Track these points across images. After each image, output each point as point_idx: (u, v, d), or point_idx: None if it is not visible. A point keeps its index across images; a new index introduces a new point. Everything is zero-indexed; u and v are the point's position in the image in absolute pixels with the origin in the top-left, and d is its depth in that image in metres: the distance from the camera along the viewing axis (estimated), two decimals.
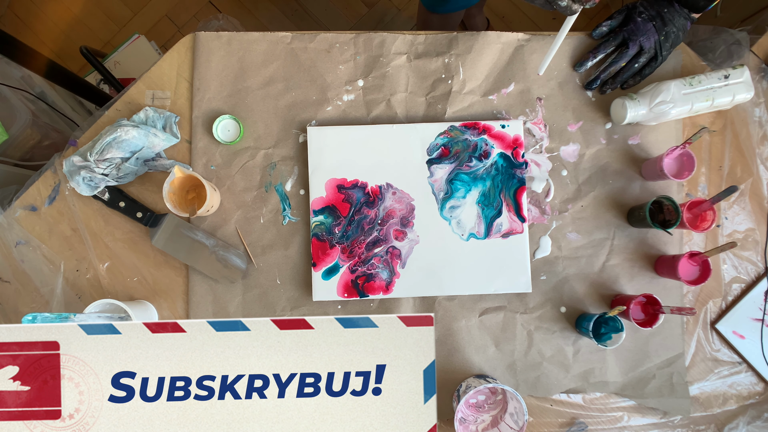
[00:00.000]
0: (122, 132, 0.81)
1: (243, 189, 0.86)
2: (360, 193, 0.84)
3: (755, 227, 0.87)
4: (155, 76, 0.88)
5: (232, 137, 0.86)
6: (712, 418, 0.85)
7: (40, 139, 1.26)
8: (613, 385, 0.84)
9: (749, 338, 0.85)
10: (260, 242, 0.86)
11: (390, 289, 0.83)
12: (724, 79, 0.81)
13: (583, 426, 0.85)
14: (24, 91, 1.29)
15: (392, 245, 0.84)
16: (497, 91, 0.87)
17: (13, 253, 0.87)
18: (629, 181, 0.86)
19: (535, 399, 0.85)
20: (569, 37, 0.87)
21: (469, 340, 0.84)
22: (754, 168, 0.87)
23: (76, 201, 0.86)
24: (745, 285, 0.86)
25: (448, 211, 0.84)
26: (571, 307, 0.85)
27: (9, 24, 1.85)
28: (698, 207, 0.78)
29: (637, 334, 0.84)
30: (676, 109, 0.80)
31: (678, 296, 0.85)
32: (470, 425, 0.80)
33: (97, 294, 0.87)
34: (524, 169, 0.84)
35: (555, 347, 0.84)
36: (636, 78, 0.85)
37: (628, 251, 0.85)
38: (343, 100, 0.87)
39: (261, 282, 0.85)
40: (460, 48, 0.87)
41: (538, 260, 0.85)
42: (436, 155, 0.84)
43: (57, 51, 1.85)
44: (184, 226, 0.84)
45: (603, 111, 0.87)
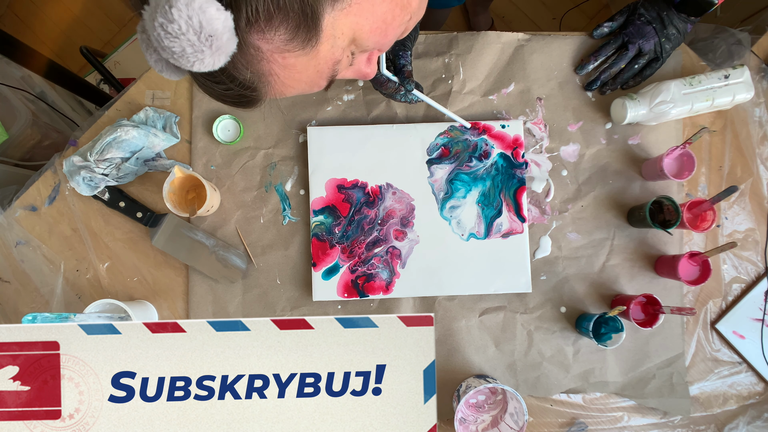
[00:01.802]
0: (122, 132, 0.81)
1: (243, 189, 0.86)
2: (360, 193, 0.84)
3: (755, 227, 0.87)
4: (155, 76, 0.88)
5: (232, 137, 0.86)
6: (712, 418, 0.85)
7: (40, 139, 1.26)
8: (613, 385, 0.84)
9: (749, 338, 0.85)
10: (260, 242, 0.86)
11: (390, 289, 0.83)
12: (724, 79, 0.81)
13: (583, 426, 0.85)
14: (24, 91, 1.29)
15: (392, 245, 0.84)
16: (497, 91, 0.87)
17: (13, 253, 0.87)
18: (629, 181, 0.86)
19: (535, 399, 0.85)
20: (570, 37, 0.87)
21: (469, 340, 0.84)
22: (754, 168, 0.87)
23: (76, 201, 0.86)
24: (745, 285, 0.86)
25: (448, 211, 0.84)
26: (571, 307, 0.85)
27: (9, 24, 1.85)
28: (698, 207, 0.78)
29: (637, 334, 0.84)
30: (676, 109, 0.80)
31: (678, 296, 0.85)
32: (470, 425, 0.80)
33: (97, 294, 0.87)
34: (524, 169, 0.84)
35: (555, 347, 0.84)
36: (636, 79, 0.85)
37: (628, 251, 0.85)
38: (343, 100, 0.87)
39: (261, 282, 0.86)
40: (461, 48, 0.87)
41: (538, 260, 0.85)
42: (436, 155, 0.84)
43: (57, 51, 1.85)
44: (184, 226, 0.84)
45: (603, 111, 0.87)
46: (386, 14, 0.42)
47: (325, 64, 0.42)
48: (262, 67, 0.39)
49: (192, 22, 0.33)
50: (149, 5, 0.34)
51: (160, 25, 0.33)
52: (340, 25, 0.40)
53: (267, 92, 0.42)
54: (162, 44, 0.34)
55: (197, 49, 0.34)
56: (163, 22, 0.33)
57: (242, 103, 0.43)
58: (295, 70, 0.40)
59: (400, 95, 0.75)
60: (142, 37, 0.39)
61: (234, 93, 0.41)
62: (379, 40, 0.44)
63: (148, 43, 0.38)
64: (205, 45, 0.34)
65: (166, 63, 0.40)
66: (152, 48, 0.39)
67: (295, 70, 0.40)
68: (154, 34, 0.34)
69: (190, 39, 0.34)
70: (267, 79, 0.41)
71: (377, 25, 0.42)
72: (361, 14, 0.40)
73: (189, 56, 0.35)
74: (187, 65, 0.36)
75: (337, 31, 0.40)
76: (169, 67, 0.40)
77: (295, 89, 0.43)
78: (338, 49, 0.42)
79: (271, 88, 0.42)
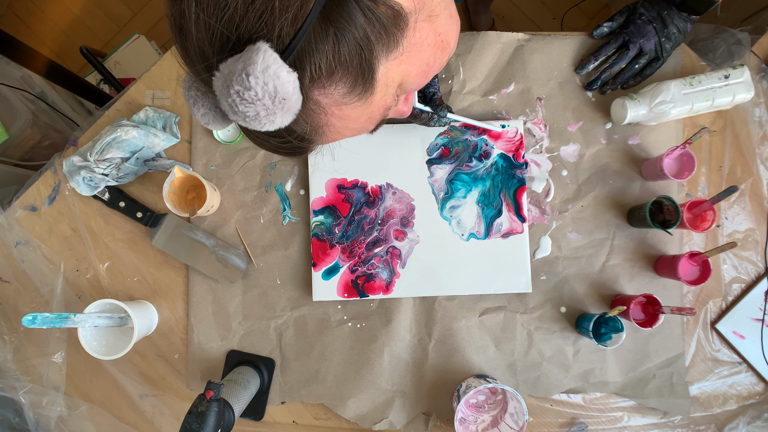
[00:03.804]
0: (122, 132, 0.81)
1: (243, 189, 0.86)
2: (360, 193, 0.84)
3: (755, 227, 0.87)
4: (155, 76, 0.88)
5: (232, 137, 0.86)
6: (712, 418, 0.85)
7: (40, 139, 1.26)
8: (613, 385, 0.84)
9: (749, 338, 0.85)
10: (260, 242, 0.86)
11: (390, 289, 0.83)
12: (725, 79, 0.81)
13: (583, 426, 0.85)
14: (24, 91, 1.30)
15: (392, 245, 0.83)
16: (497, 91, 0.87)
17: (13, 253, 0.87)
18: (629, 181, 0.86)
19: (535, 399, 0.85)
20: (570, 37, 0.87)
21: (469, 340, 0.84)
22: (754, 168, 0.87)
23: (76, 201, 0.86)
24: (745, 285, 0.86)
25: (448, 211, 0.84)
26: (571, 307, 0.85)
27: (9, 24, 1.85)
28: (698, 207, 0.78)
29: (637, 334, 0.84)
30: (676, 109, 0.80)
31: (678, 296, 0.85)
32: (470, 425, 0.80)
33: (97, 294, 0.87)
34: (524, 169, 0.84)
35: (555, 347, 0.84)
36: (637, 78, 0.85)
37: (628, 251, 0.85)
38: None
39: (261, 282, 0.85)
40: (460, 48, 0.87)
41: (538, 260, 0.85)
42: (436, 155, 0.84)
43: (57, 51, 1.85)
44: (184, 226, 0.84)
45: (603, 111, 0.87)
46: (429, 58, 0.43)
47: (377, 111, 0.43)
48: (320, 120, 0.40)
49: (268, 87, 0.33)
50: (220, 72, 0.34)
51: (236, 93, 0.33)
52: (391, 74, 0.41)
53: (320, 141, 0.43)
54: (236, 110, 0.35)
55: (270, 112, 0.35)
56: (240, 90, 0.33)
57: (295, 153, 0.44)
58: (350, 120, 0.41)
59: (434, 122, 0.78)
60: (190, 94, 0.40)
61: (290, 145, 0.42)
62: (421, 82, 0.45)
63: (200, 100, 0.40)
64: (278, 108, 0.34)
65: (213, 116, 0.41)
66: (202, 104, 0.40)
67: (350, 120, 0.41)
68: (228, 101, 0.34)
69: (266, 104, 0.34)
70: (323, 130, 0.41)
71: (422, 69, 0.43)
72: (410, 62, 0.41)
73: (262, 119, 0.35)
74: (257, 127, 0.36)
75: (389, 80, 0.41)
76: (216, 120, 0.41)
77: (346, 136, 0.44)
78: (390, 96, 0.43)
79: (325, 137, 0.43)
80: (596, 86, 0.85)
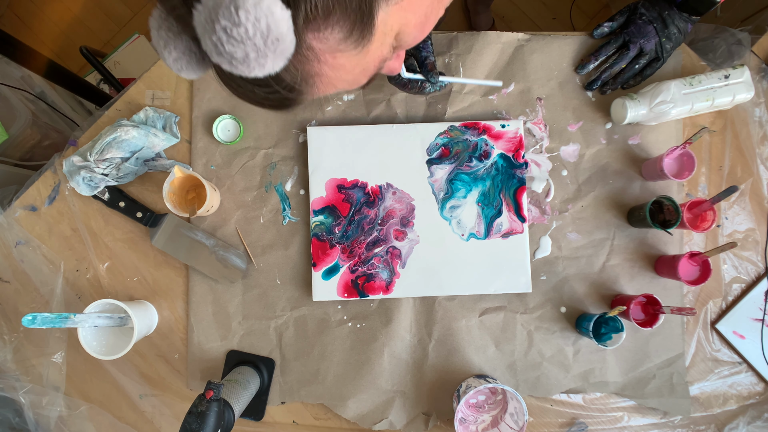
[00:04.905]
0: (122, 132, 0.81)
1: (243, 189, 0.86)
2: (360, 193, 0.84)
3: (755, 227, 0.87)
4: (155, 76, 0.88)
5: (232, 137, 0.86)
6: (712, 418, 0.85)
7: (40, 139, 1.26)
8: (613, 385, 0.84)
9: (749, 338, 0.85)
10: (260, 242, 0.86)
11: (390, 289, 0.83)
12: (725, 79, 0.81)
13: (583, 426, 0.85)
14: (24, 91, 1.29)
15: (392, 245, 0.83)
16: (497, 91, 0.87)
17: (13, 253, 0.87)
18: (629, 181, 0.86)
19: (535, 399, 0.85)
20: (570, 37, 0.87)
21: (469, 340, 0.84)
22: (754, 168, 0.87)
23: (76, 201, 0.86)
24: (745, 285, 0.86)
25: (448, 211, 0.84)
26: (571, 307, 0.85)
27: (9, 24, 1.85)
28: (698, 207, 0.78)
29: (637, 334, 0.84)
30: (677, 109, 0.80)
31: (678, 296, 0.85)
32: (470, 425, 0.80)
33: (97, 294, 0.87)
34: (524, 169, 0.84)
35: (555, 347, 0.84)
36: (637, 78, 0.85)
37: (628, 251, 0.85)
38: (343, 100, 0.87)
39: (261, 282, 0.85)
40: (461, 48, 0.87)
41: (538, 260, 0.85)
42: (436, 155, 0.84)
43: (57, 51, 1.85)
44: (184, 226, 0.84)
45: (603, 111, 0.87)
46: (428, 9, 0.41)
47: (372, 63, 0.40)
48: (312, 68, 0.36)
49: (260, 24, 0.29)
50: (202, 5, 0.30)
51: (222, 29, 0.29)
52: (391, 21, 0.38)
53: (310, 94, 0.40)
54: (221, 50, 0.31)
55: (261, 54, 0.31)
56: (227, 26, 0.29)
57: (282, 106, 0.40)
58: (344, 70, 0.38)
59: (427, 89, 0.75)
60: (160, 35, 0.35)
61: (277, 96, 0.38)
62: (418, 35, 0.42)
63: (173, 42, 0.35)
64: (269, 49, 0.31)
65: (187, 61, 0.37)
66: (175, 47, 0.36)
67: (344, 71, 0.38)
68: (213, 38, 0.30)
69: (257, 43, 0.30)
70: (314, 80, 0.37)
71: (420, 20, 0.41)
72: (410, 8, 0.39)
73: (251, 62, 0.31)
74: (245, 71, 0.32)
75: (388, 28, 0.38)
76: (189, 65, 0.37)
77: (338, 88, 0.41)
78: (386, 46, 0.40)
79: (315, 89, 0.39)
80: (596, 86, 0.85)
